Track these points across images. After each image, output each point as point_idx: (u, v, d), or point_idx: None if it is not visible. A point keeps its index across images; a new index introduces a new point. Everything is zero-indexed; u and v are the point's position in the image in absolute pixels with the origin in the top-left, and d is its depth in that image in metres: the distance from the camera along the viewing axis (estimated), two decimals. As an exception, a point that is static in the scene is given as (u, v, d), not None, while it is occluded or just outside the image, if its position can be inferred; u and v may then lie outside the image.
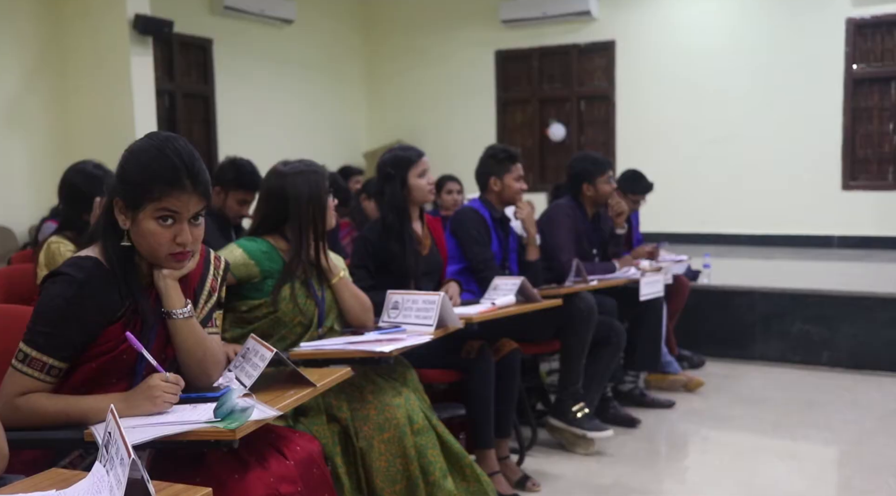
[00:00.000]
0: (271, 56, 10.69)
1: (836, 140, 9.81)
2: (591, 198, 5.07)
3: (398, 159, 3.93)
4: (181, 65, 9.83)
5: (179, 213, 2.12)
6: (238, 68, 10.27)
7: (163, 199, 2.09)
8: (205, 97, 10.07)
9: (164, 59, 9.60)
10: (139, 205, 2.11)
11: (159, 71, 9.33)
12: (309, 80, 11.21)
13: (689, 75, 10.44)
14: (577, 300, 4.29)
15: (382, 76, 12.14)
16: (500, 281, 3.98)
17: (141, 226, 2.11)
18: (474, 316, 3.46)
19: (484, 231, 4.47)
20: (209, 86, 10.10)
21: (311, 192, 3.08)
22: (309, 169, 3.13)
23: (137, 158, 2.15)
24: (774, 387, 5.80)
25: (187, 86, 9.88)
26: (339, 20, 11.77)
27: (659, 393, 5.48)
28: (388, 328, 3.15)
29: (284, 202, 3.08)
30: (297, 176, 3.10)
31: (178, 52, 9.74)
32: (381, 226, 3.88)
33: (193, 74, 10.03)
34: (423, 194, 3.88)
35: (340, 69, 11.78)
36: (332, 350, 2.82)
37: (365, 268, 3.81)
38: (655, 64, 10.65)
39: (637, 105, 10.75)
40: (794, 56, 9.91)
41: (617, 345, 4.62)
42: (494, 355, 3.82)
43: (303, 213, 3.06)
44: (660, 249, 5.86)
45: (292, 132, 10.81)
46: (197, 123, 10.01)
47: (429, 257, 3.96)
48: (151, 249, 2.13)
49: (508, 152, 4.54)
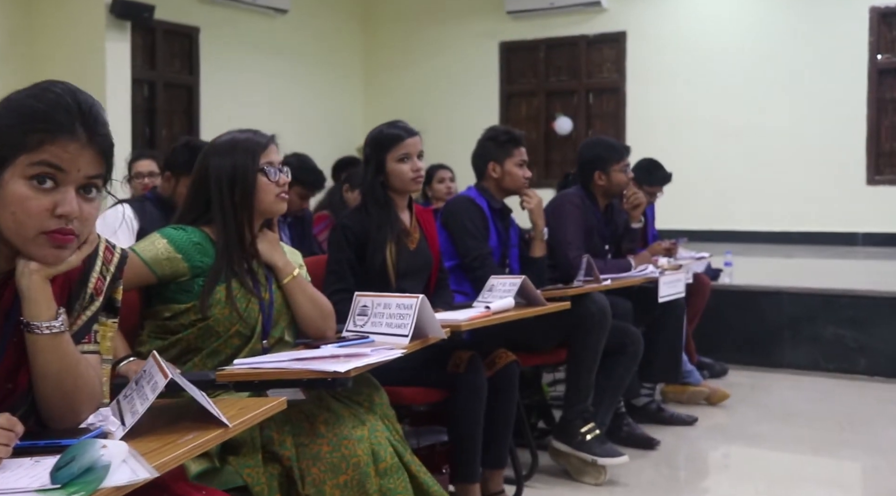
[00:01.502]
0: (263, 47, 10.06)
1: (860, 133, 9.21)
2: (603, 188, 4.40)
3: (378, 139, 3.29)
4: (164, 53, 9.26)
5: (65, 170, 1.44)
6: (226, 59, 9.66)
7: (42, 148, 1.43)
8: (188, 88, 9.46)
9: (146, 46, 9.10)
10: (5, 159, 1.44)
11: (139, 59, 8.88)
12: (303, 72, 10.57)
13: (704, 67, 9.82)
14: (587, 302, 3.62)
15: (381, 68, 11.50)
16: (496, 280, 3.31)
17: (5, 190, 1.44)
18: (463, 323, 2.79)
19: (480, 223, 3.81)
20: (194, 76, 9.49)
21: (237, 167, 2.42)
22: (241, 139, 2.47)
23: (9, 100, 1.49)
24: (807, 399, 5.12)
25: (170, 75, 9.29)
26: (337, 9, 11.13)
27: (678, 407, 4.80)
28: (354, 339, 2.49)
29: (207, 181, 2.43)
30: (224, 148, 2.45)
31: (161, 39, 9.18)
32: (361, 213, 3.22)
33: (177, 64, 9.42)
34: (402, 182, 3.22)
35: (337, 61, 11.15)
36: (269, 369, 2.15)
37: (346, 263, 3.16)
38: (668, 55, 10.02)
39: (649, 98, 10.11)
40: (816, 46, 9.32)
41: (633, 355, 3.96)
42: (487, 369, 3.15)
43: (225, 194, 2.41)
44: (678, 246, 5.18)
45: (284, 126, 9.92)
46: (178, 115, 9.39)
47: (417, 253, 3.30)
48: (17, 225, 1.45)
49: (511, 134, 3.89)
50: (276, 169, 2.50)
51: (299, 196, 4.52)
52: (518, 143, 3.88)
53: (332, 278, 3.18)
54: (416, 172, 3.22)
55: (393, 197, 3.27)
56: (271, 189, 2.48)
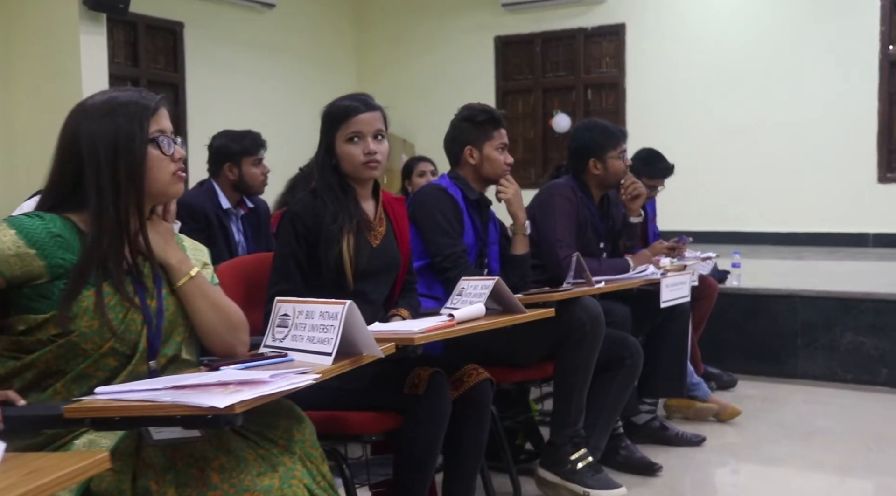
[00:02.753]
0: (250, 43, 9.49)
1: (871, 128, 8.67)
2: (598, 177, 3.79)
3: (328, 113, 2.71)
4: (147, 50, 8.70)
5: None
6: (212, 55, 9.08)
7: None
8: (174, 85, 8.87)
9: (128, 42, 8.56)
10: None
11: (121, 56, 8.40)
12: (293, 69, 9.99)
13: (706, 60, 9.27)
14: (576, 309, 3.02)
15: (373, 65, 10.90)
16: (467, 283, 2.70)
17: None
18: (416, 335, 2.18)
19: (453, 216, 3.21)
20: (179, 73, 8.91)
21: (120, 135, 1.82)
22: (122, 100, 1.87)
23: None
24: (826, 414, 4.50)
25: (154, 73, 8.72)
26: (327, 5, 10.55)
27: (683, 424, 4.19)
28: (272, 357, 1.89)
29: (78, 155, 1.82)
30: (101, 110, 1.85)
31: (144, 35, 8.63)
32: (314, 200, 2.64)
33: (161, 61, 8.85)
34: (352, 166, 2.64)
35: (328, 57, 10.58)
36: (133, 402, 1.54)
37: (293, 259, 2.58)
38: (670, 48, 9.48)
39: (649, 93, 9.56)
40: (824, 37, 8.78)
41: (632, 368, 3.36)
42: (454, 389, 2.55)
43: (103, 170, 1.81)
44: (684, 245, 4.56)
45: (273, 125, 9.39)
46: (164, 113, 8.79)
47: (381, 250, 2.71)
48: None
49: (490, 113, 3.29)
50: (170, 139, 1.90)
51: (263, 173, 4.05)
52: (498, 123, 3.29)
53: (275, 277, 2.60)
54: (369, 156, 2.62)
55: (352, 183, 2.68)
56: (165, 165, 1.89)
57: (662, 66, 9.48)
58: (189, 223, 3.64)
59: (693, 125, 9.21)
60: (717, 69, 9.20)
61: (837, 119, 8.67)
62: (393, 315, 2.72)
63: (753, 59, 9.05)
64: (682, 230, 7.79)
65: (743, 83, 9.08)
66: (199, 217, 3.69)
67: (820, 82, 8.75)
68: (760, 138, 8.98)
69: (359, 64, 10.98)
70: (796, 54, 8.87)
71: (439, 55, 10.48)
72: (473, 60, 10.32)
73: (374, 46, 10.89)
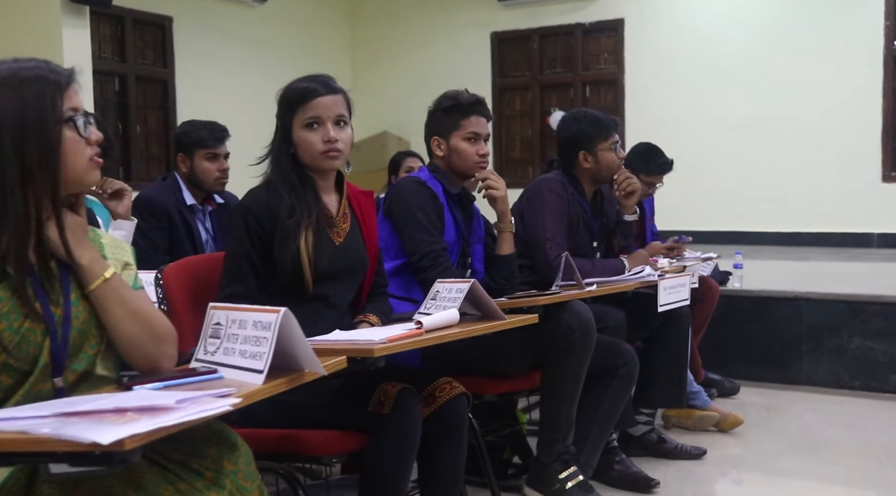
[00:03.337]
0: (242, 38, 9.19)
1: (876, 125, 8.39)
2: (589, 171, 3.50)
3: (284, 95, 2.42)
4: (135, 45, 8.39)
5: None
6: (202, 51, 8.79)
7: None
8: (163, 81, 8.58)
9: (114, 37, 8.26)
10: None
11: (107, 51, 8.12)
12: (285, 65, 9.54)
13: (707, 55, 9.00)
14: (564, 314, 2.73)
15: (368, 61, 10.61)
16: (441, 286, 2.41)
17: None
18: (376, 346, 1.89)
19: (433, 211, 2.91)
20: (168, 69, 8.61)
21: (27, 112, 1.53)
22: (28, 73, 1.59)
23: None
24: (833, 423, 4.20)
25: (142, 68, 8.43)
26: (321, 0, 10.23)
27: (682, 435, 3.90)
28: (200, 374, 1.59)
29: None
30: (2, 83, 1.56)
31: (131, 30, 8.33)
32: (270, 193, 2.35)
33: (150, 56, 8.56)
34: (309, 155, 2.35)
35: (321, 54, 10.26)
36: (3, 435, 1.25)
37: (246, 259, 2.29)
38: (669, 44, 9.19)
39: (649, 90, 9.26)
40: (827, 32, 8.50)
41: (626, 378, 3.07)
42: (425, 405, 2.26)
43: (7, 153, 1.52)
44: (683, 245, 4.27)
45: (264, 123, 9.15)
46: (153, 110, 8.53)
47: (345, 249, 2.41)
48: None
49: (456, 100, 2.98)
50: (84, 119, 1.62)
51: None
52: (467, 110, 2.97)
53: (226, 279, 2.31)
54: (329, 144, 2.33)
55: (311, 174, 2.39)
56: (82, 149, 1.61)
57: (662, 62, 9.20)
58: (149, 220, 3.35)
59: (693, 122, 8.92)
60: (717, 65, 8.92)
61: (841, 116, 8.38)
62: (360, 321, 2.43)
63: (755, 54, 8.76)
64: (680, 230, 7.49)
65: (744, 79, 8.79)
66: (160, 213, 3.39)
67: (823, 78, 8.46)
68: (762, 136, 8.70)
69: (353, 59, 10.69)
70: (799, 49, 8.58)
71: (435, 51, 10.19)
72: (469, 56, 10.02)
73: (369, 42, 10.61)
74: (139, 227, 3.20)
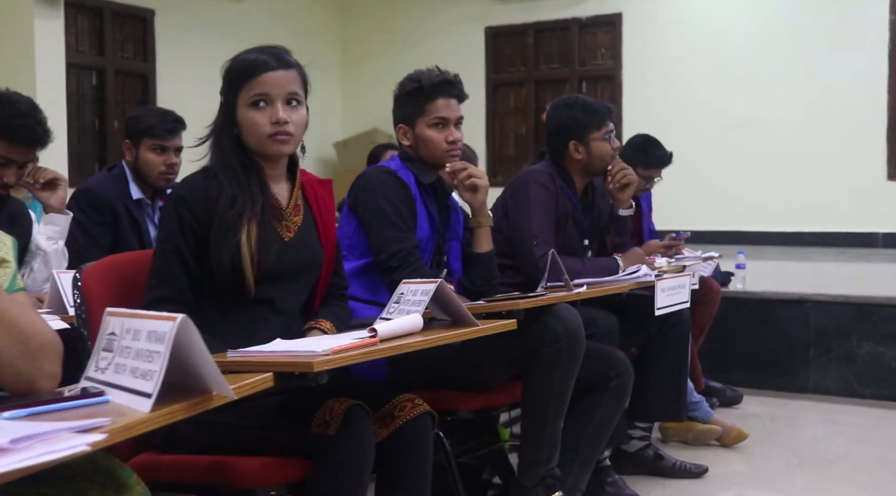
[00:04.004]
0: (226, 32, 8.79)
1: (880, 122, 8.06)
2: (580, 163, 3.17)
3: (232, 69, 2.10)
4: (114, 38, 8.14)
5: None
6: (185, 45, 8.48)
7: None
8: (143, 76, 8.27)
9: (93, 30, 8.01)
10: None
11: (85, 44, 7.88)
12: (273, 61, 9.36)
13: (707, 51, 8.69)
14: (549, 319, 2.39)
15: (359, 56, 10.30)
16: (406, 287, 2.08)
17: None
18: (317, 359, 1.57)
19: (403, 205, 2.58)
20: (149, 63, 8.32)
21: None
22: None
23: None
24: (846, 435, 3.87)
25: (121, 62, 8.17)
26: (309, -7, 9.93)
27: (681, 451, 3.57)
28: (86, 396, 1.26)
29: None
30: None
31: (111, 23, 8.06)
32: (208, 180, 2.03)
33: (130, 49, 8.27)
34: (255, 138, 2.03)
35: (311, 49, 9.70)
36: None
37: (177, 257, 1.97)
38: (668, 39, 8.89)
39: (647, 86, 8.95)
40: (830, 28, 8.19)
41: (619, 390, 2.74)
42: (382, 426, 1.93)
43: None
44: (681, 241, 3.94)
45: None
46: (132, 106, 8.20)
47: (296, 246, 2.09)
48: None
49: (419, 82, 2.64)
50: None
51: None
52: (430, 94, 2.62)
53: (154, 280, 1.98)
54: (277, 126, 2.00)
55: (258, 160, 2.06)
56: None
57: (661, 57, 8.88)
58: (91, 214, 3.00)
59: (693, 119, 8.59)
60: (718, 61, 8.61)
61: (844, 112, 8.06)
62: (311, 328, 2.10)
63: (756, 49, 8.46)
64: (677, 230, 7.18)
65: (745, 75, 8.48)
66: (104, 207, 3.04)
67: (826, 74, 8.15)
68: (763, 133, 8.38)
69: (343, 55, 10.39)
70: (801, 45, 8.27)
71: (427, 46, 9.81)
72: (463, 52, 9.65)
73: (360, 37, 10.30)
74: (79, 221, 2.88)
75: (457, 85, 2.67)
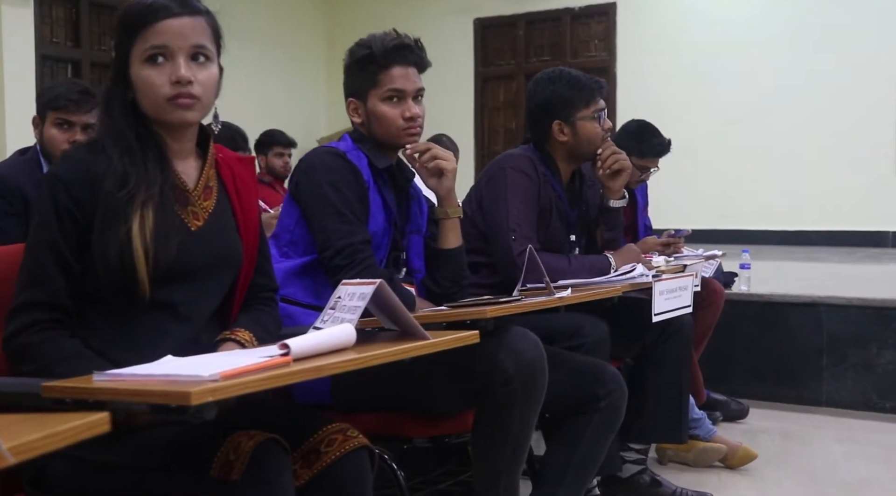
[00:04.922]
0: (210, 26, 8.53)
1: (889, 116, 7.68)
2: (566, 146, 2.77)
3: (124, 18, 1.67)
4: (91, 30, 7.81)
5: None
6: (166, 38, 8.12)
7: None
8: (121, 69, 7.94)
9: (68, 21, 7.69)
10: None
11: (60, 35, 7.67)
12: (257, 55, 9.06)
13: (706, 42, 8.38)
14: (498, 351, 1.90)
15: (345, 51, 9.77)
16: (344, 289, 1.66)
17: None
18: (197, 388, 1.15)
19: (351, 192, 2.16)
20: (129, 57, 7.96)
21: None
22: None
23: None
24: (866, 455, 3.45)
25: (98, 55, 7.83)
26: (294, -15, 9.66)
27: (681, 474, 3.16)
28: None
29: None
30: None
31: (87, 13, 7.76)
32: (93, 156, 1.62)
33: (107, 42, 7.88)
34: (151, 102, 1.62)
35: (296, 43, 9.78)
36: None
37: (52, 252, 1.56)
38: (665, 29, 8.61)
39: (642, 79, 8.66)
40: (836, 17, 7.84)
41: (611, 412, 2.32)
42: (304, 466, 1.52)
43: None
44: (681, 239, 3.54)
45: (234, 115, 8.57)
46: (110, 99, 7.90)
47: (205, 237, 1.67)
48: None
49: (369, 47, 2.23)
50: None
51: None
52: (383, 61, 2.21)
53: (23, 279, 1.58)
54: (178, 86, 1.59)
55: (157, 130, 1.65)
56: None
57: (657, 48, 8.58)
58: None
59: (691, 114, 8.23)
60: (717, 52, 8.29)
61: (851, 106, 7.73)
62: (224, 340, 1.68)
63: (758, 40, 8.14)
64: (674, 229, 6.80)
65: (746, 67, 8.16)
66: (14, 195, 2.61)
67: (832, 67, 7.81)
68: (764, 128, 8.06)
69: (329, 48, 10.05)
70: (806, 36, 7.93)
71: (415, 39, 9.55)
72: (451, 44, 9.35)
73: (346, 29, 9.89)
74: (-14, 212, 2.46)
75: (416, 50, 2.27)
